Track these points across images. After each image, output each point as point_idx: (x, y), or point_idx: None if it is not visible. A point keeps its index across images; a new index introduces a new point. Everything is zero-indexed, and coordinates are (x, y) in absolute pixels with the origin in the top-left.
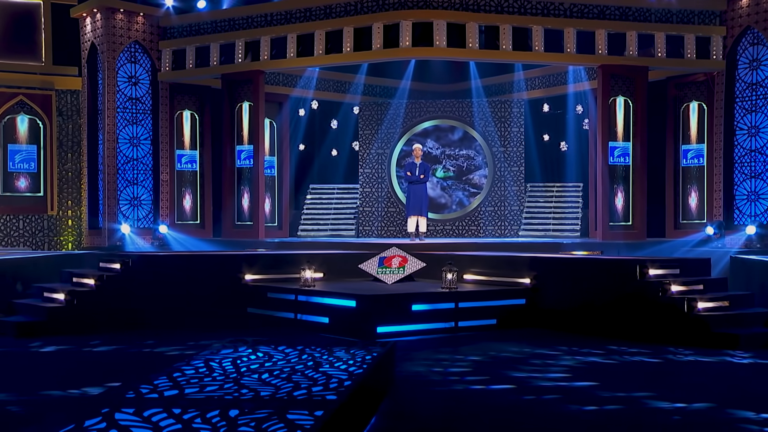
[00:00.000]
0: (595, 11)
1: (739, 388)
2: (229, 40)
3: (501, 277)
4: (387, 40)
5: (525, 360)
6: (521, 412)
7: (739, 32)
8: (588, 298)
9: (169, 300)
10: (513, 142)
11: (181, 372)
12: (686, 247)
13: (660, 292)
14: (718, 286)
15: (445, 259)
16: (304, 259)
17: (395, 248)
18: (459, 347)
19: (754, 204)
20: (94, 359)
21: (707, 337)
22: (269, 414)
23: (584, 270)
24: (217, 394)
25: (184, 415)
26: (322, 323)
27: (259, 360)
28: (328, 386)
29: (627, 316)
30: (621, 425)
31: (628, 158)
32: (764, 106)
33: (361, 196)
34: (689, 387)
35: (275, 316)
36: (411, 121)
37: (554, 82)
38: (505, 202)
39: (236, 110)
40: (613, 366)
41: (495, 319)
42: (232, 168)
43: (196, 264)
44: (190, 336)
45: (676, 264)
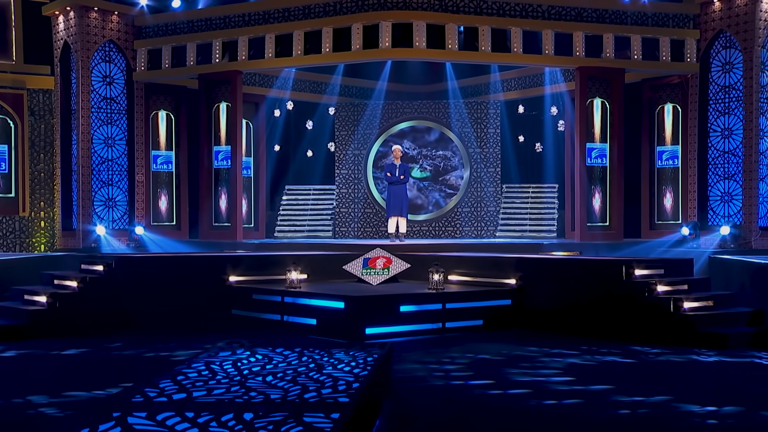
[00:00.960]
0: (573, 13)
1: (735, 389)
2: (206, 40)
3: (486, 278)
4: (366, 41)
5: (519, 361)
6: (523, 412)
7: (712, 36)
8: (574, 299)
9: (154, 302)
10: (489, 143)
11: (184, 375)
12: (663, 247)
13: (646, 292)
14: (701, 286)
15: (428, 260)
16: (290, 260)
17: (379, 249)
18: (449, 348)
19: (727, 205)
20: (83, 363)
21: (693, 337)
22: (285, 417)
23: (570, 270)
24: (226, 396)
25: (199, 419)
26: (310, 325)
27: (260, 362)
28: (337, 388)
29: (614, 316)
30: (620, 425)
31: (606, 159)
32: (737, 109)
33: (337, 197)
34: (687, 387)
35: (261, 318)
36: (387, 122)
37: (530, 83)
38: (481, 203)
39: (213, 111)
40: (605, 366)
41: (482, 319)
42: (210, 169)
43: (180, 266)
44: (176, 338)
45: (660, 264)
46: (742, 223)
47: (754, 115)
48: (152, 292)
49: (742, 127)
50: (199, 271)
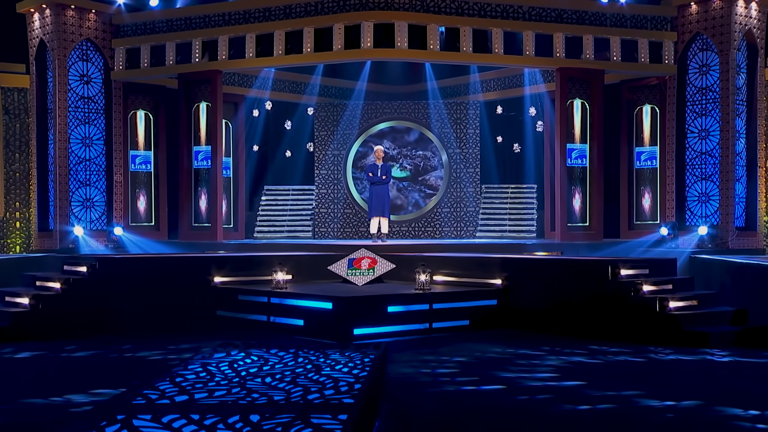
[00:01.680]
0: (553, 14)
1: (722, 387)
2: (185, 39)
3: (472, 278)
4: (348, 41)
5: (509, 360)
6: (519, 413)
7: (689, 38)
8: (560, 299)
9: (138, 303)
10: (469, 143)
11: (182, 377)
12: (642, 247)
13: (632, 292)
14: (685, 286)
15: (413, 260)
16: (276, 261)
17: (364, 250)
18: (438, 348)
19: (704, 205)
20: (72, 365)
21: (678, 336)
22: (292, 419)
23: (556, 270)
24: (228, 398)
25: (205, 421)
26: (297, 326)
27: (256, 364)
28: (340, 389)
29: (600, 315)
30: (617, 424)
31: (585, 160)
32: (714, 110)
33: (317, 197)
34: (675, 386)
35: (246, 319)
36: (367, 123)
37: (510, 84)
38: (461, 203)
39: (193, 110)
40: (597, 365)
41: (468, 320)
42: (189, 169)
43: (165, 266)
44: (162, 340)
45: (645, 264)
46: (719, 223)
47: (731, 116)
48: (137, 293)
49: (719, 129)
50: (184, 271)
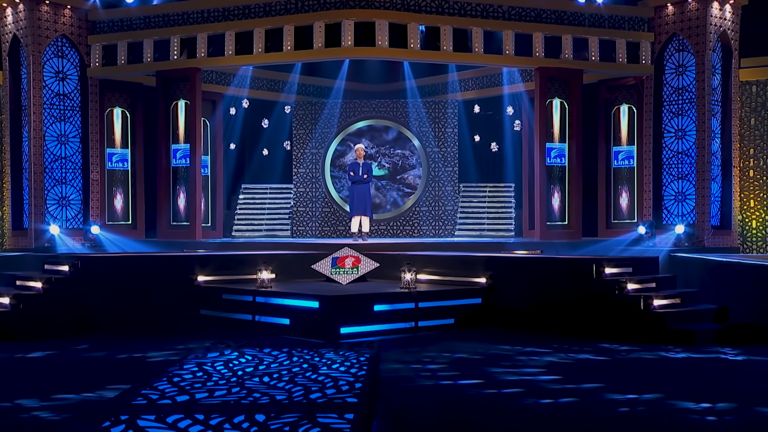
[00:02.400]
0: (532, 14)
1: (709, 384)
2: (163, 36)
3: (456, 276)
4: (329, 40)
5: (499, 359)
6: (518, 411)
7: (665, 39)
8: (545, 297)
9: (121, 303)
10: (447, 142)
11: (180, 377)
12: (620, 246)
13: (617, 290)
14: (668, 284)
15: (395, 258)
16: (261, 260)
17: (347, 248)
18: (426, 347)
19: (681, 204)
20: (58, 365)
21: (663, 334)
22: (298, 418)
23: (540, 269)
24: (230, 398)
25: (211, 421)
26: (283, 325)
27: (251, 363)
28: (341, 389)
29: (585, 314)
30: (614, 422)
31: (565, 159)
32: (690, 110)
33: (295, 196)
34: (667, 383)
35: (231, 318)
36: (345, 121)
37: (488, 83)
38: (439, 202)
39: (172, 108)
40: (589, 363)
41: (453, 318)
42: (168, 167)
43: (148, 265)
44: (146, 340)
45: (629, 263)
46: (695, 222)
47: (707, 116)
48: (119, 292)
49: (695, 129)
50: (167, 270)
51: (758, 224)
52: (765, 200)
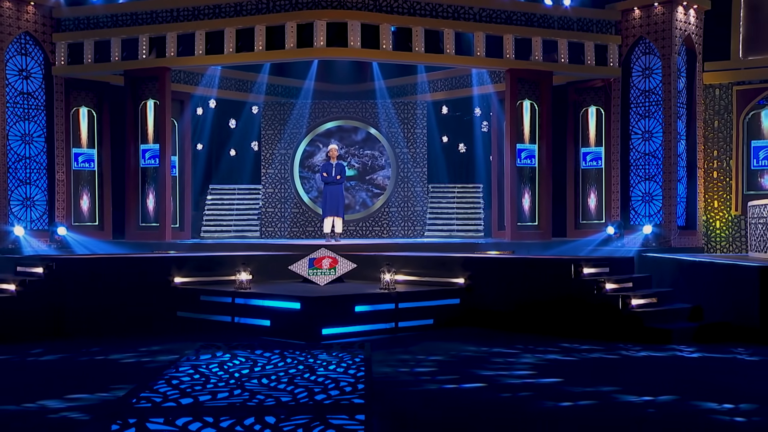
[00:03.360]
0: (503, 16)
1: (694, 381)
2: (131, 35)
3: (433, 277)
4: (300, 40)
5: (484, 359)
6: (510, 411)
7: (632, 42)
8: (523, 297)
9: (96, 305)
10: (416, 143)
11: (178, 379)
12: (590, 246)
13: (595, 290)
14: (644, 283)
15: (373, 259)
16: (239, 261)
17: (324, 249)
18: (408, 347)
19: (648, 205)
20: (37, 369)
21: (641, 333)
22: (310, 420)
23: (519, 269)
24: (233, 400)
25: (221, 423)
26: (263, 326)
27: (246, 365)
28: (344, 390)
29: (564, 313)
30: (607, 421)
31: (535, 160)
32: (656, 112)
33: (263, 197)
34: (648, 382)
35: (209, 320)
36: (314, 122)
37: (457, 84)
38: (408, 202)
39: (140, 108)
40: (571, 362)
41: (432, 319)
42: (137, 168)
43: (124, 267)
44: (124, 342)
45: (606, 263)
46: (662, 222)
47: (673, 119)
48: (95, 294)
49: (662, 130)
50: (143, 272)
51: (722, 224)
52: (728, 201)
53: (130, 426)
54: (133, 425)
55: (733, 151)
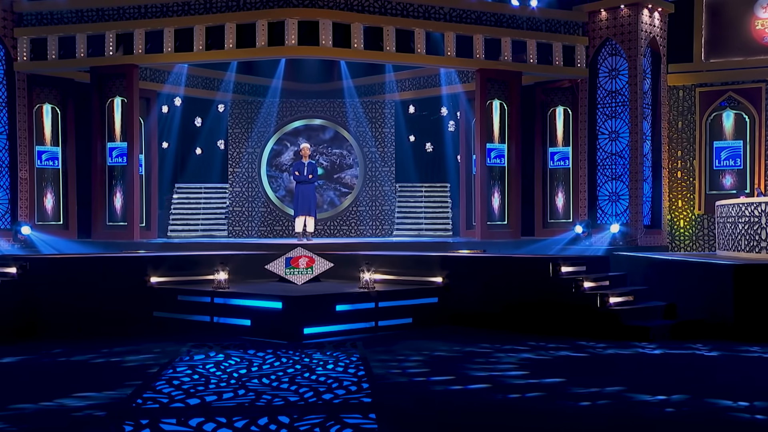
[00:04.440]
0: (473, 16)
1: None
2: (97, 31)
3: (411, 276)
4: (272, 38)
5: (471, 357)
6: (506, 410)
7: (599, 43)
8: (502, 296)
9: (72, 305)
10: (385, 142)
11: (178, 379)
12: (559, 245)
13: (573, 289)
14: (620, 282)
15: (349, 258)
16: (218, 260)
17: (300, 249)
18: (392, 346)
19: (614, 204)
20: (15, 371)
21: (619, 330)
22: (324, 419)
23: (497, 268)
24: (240, 400)
25: (235, 423)
26: (244, 326)
27: (241, 365)
28: (349, 389)
29: (542, 312)
30: (610, 419)
31: (504, 159)
32: (623, 113)
33: (230, 195)
34: (652, 381)
35: (187, 320)
36: (282, 120)
37: (426, 84)
38: (376, 201)
39: (107, 105)
40: (561, 360)
41: (411, 318)
42: (103, 166)
43: (99, 267)
44: (101, 342)
45: (583, 261)
46: (628, 221)
47: (639, 119)
48: (70, 294)
49: (628, 131)
50: (119, 272)
51: (685, 223)
52: (692, 200)
53: (144, 427)
54: (146, 426)
55: (696, 151)
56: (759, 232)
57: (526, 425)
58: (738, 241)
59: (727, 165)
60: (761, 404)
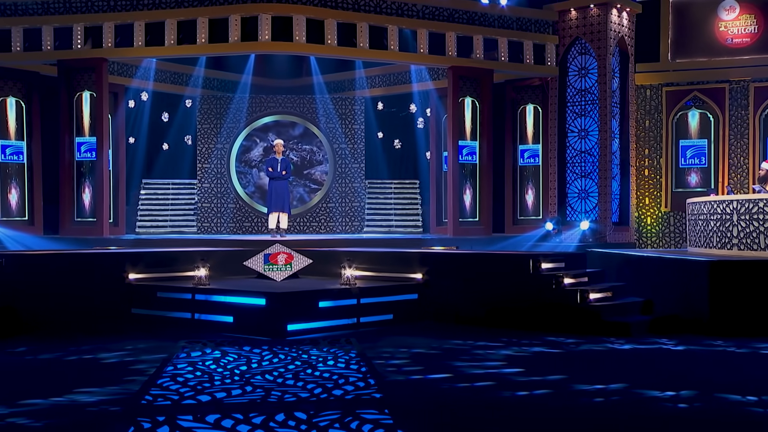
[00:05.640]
0: (445, 14)
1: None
2: (65, 23)
3: (390, 272)
4: (245, 33)
5: (457, 353)
6: (504, 405)
7: (569, 42)
8: (482, 292)
9: (49, 302)
10: (355, 139)
11: (182, 376)
12: (530, 242)
13: (554, 285)
14: (598, 278)
15: (326, 255)
16: (198, 256)
17: (279, 245)
18: (376, 342)
19: (584, 201)
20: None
21: (599, 326)
22: (342, 414)
23: (476, 265)
24: (250, 397)
25: (253, 419)
26: (226, 323)
27: (239, 362)
28: (357, 385)
29: (523, 308)
30: (618, 415)
31: (476, 156)
32: (592, 111)
33: (199, 191)
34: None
35: (167, 317)
36: (251, 116)
37: (396, 80)
38: (346, 198)
39: (75, 100)
40: (545, 356)
41: (392, 314)
42: (71, 161)
43: (76, 263)
44: (80, 340)
45: (561, 258)
46: (598, 218)
47: (608, 118)
48: (47, 291)
49: (598, 129)
50: (96, 268)
51: (652, 221)
52: (658, 198)
53: (161, 424)
54: (163, 423)
55: (662, 149)
56: (731, 229)
57: (539, 421)
58: (710, 238)
59: (692, 163)
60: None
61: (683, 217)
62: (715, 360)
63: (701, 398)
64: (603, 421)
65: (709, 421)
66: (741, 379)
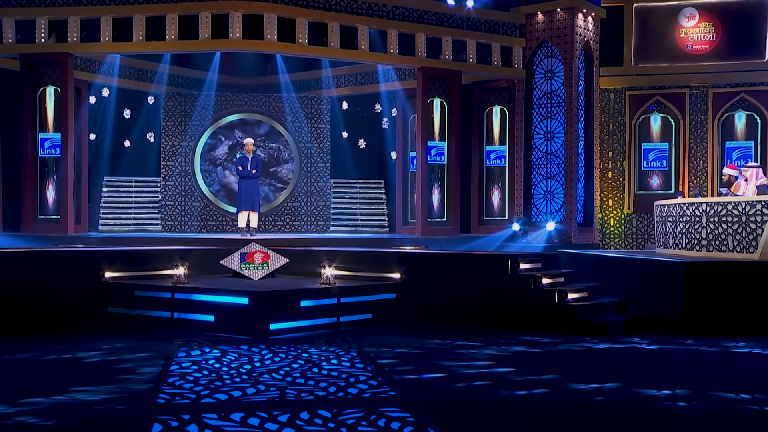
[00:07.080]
0: (415, 15)
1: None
2: (27, 16)
3: (368, 272)
4: (215, 31)
5: (443, 353)
6: (529, 403)
7: (536, 45)
8: (460, 292)
9: (21, 301)
10: (321, 138)
11: (192, 375)
12: (497, 242)
13: (532, 285)
14: (573, 278)
15: (303, 254)
16: (177, 255)
17: (255, 244)
18: (360, 341)
19: (549, 203)
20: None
21: (577, 326)
22: (365, 413)
23: (455, 265)
24: (267, 395)
25: (279, 417)
26: (207, 322)
27: (241, 360)
28: (370, 384)
29: (501, 307)
30: (618, 412)
31: (444, 157)
32: (558, 114)
33: (163, 189)
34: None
35: (144, 316)
36: (216, 114)
37: (363, 80)
38: (312, 197)
39: (39, 95)
40: (529, 355)
41: (370, 313)
42: (34, 157)
43: (49, 261)
44: (53, 338)
45: (538, 258)
46: (563, 219)
47: (573, 120)
48: (21, 289)
49: (563, 131)
50: (70, 266)
51: (615, 222)
52: (621, 200)
53: (188, 422)
54: (190, 421)
55: (626, 152)
56: (699, 231)
57: (553, 421)
58: (679, 240)
59: (654, 166)
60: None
61: (645, 219)
62: (691, 358)
63: (698, 396)
64: (612, 420)
65: (710, 418)
66: (725, 376)
